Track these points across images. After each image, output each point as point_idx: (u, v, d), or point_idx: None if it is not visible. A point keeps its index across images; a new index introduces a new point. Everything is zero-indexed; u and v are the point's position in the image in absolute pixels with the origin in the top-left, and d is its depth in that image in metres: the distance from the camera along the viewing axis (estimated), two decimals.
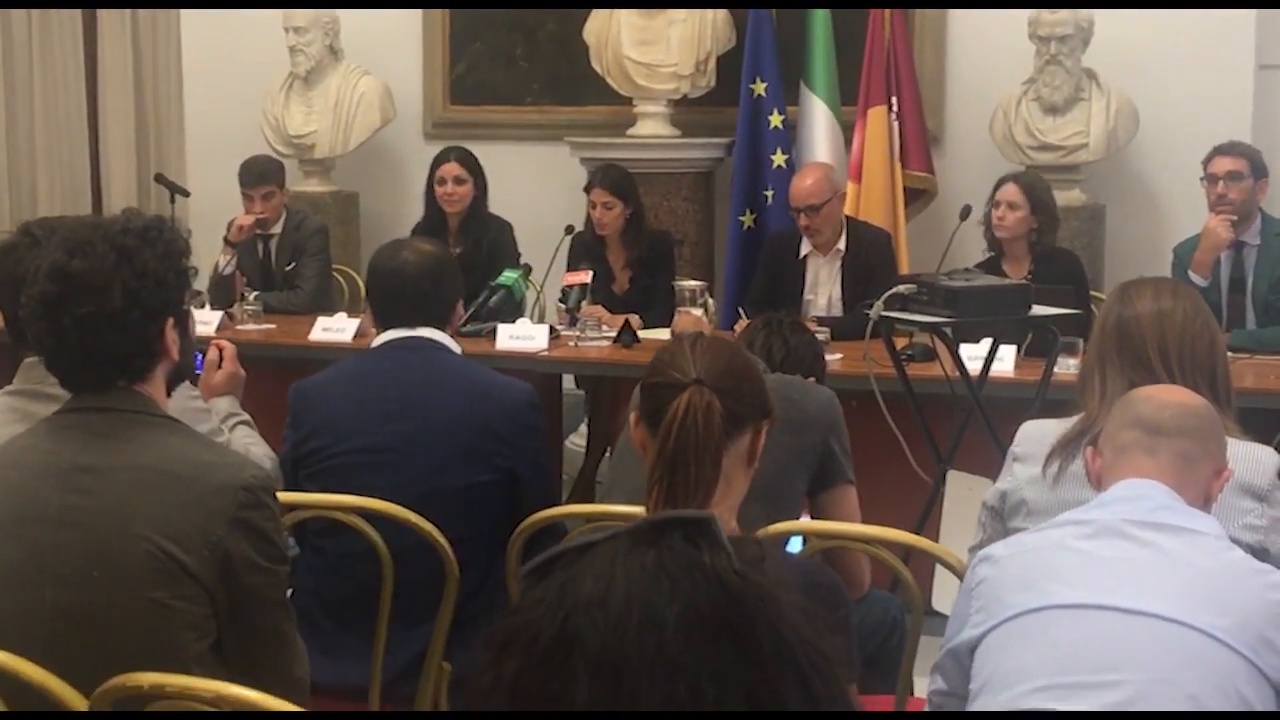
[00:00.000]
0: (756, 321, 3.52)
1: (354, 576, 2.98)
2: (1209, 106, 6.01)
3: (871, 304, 4.13)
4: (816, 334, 3.86)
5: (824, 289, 5.54)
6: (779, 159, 6.29)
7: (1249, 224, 5.12)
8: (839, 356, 4.65)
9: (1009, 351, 4.57)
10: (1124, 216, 6.24)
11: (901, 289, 4.10)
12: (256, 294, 5.66)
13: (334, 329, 5.30)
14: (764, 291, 5.47)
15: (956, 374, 4.26)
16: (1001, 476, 2.73)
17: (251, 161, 6.05)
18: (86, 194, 8.06)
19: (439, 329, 3.17)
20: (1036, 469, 2.63)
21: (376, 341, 3.20)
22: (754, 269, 5.83)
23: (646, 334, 5.17)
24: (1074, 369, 4.08)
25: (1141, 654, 1.99)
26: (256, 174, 5.98)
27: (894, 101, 6.17)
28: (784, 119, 6.30)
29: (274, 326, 5.55)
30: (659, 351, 2.21)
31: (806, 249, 5.52)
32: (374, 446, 3.06)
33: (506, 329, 5.15)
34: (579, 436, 6.19)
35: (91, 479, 2.21)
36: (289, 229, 6.05)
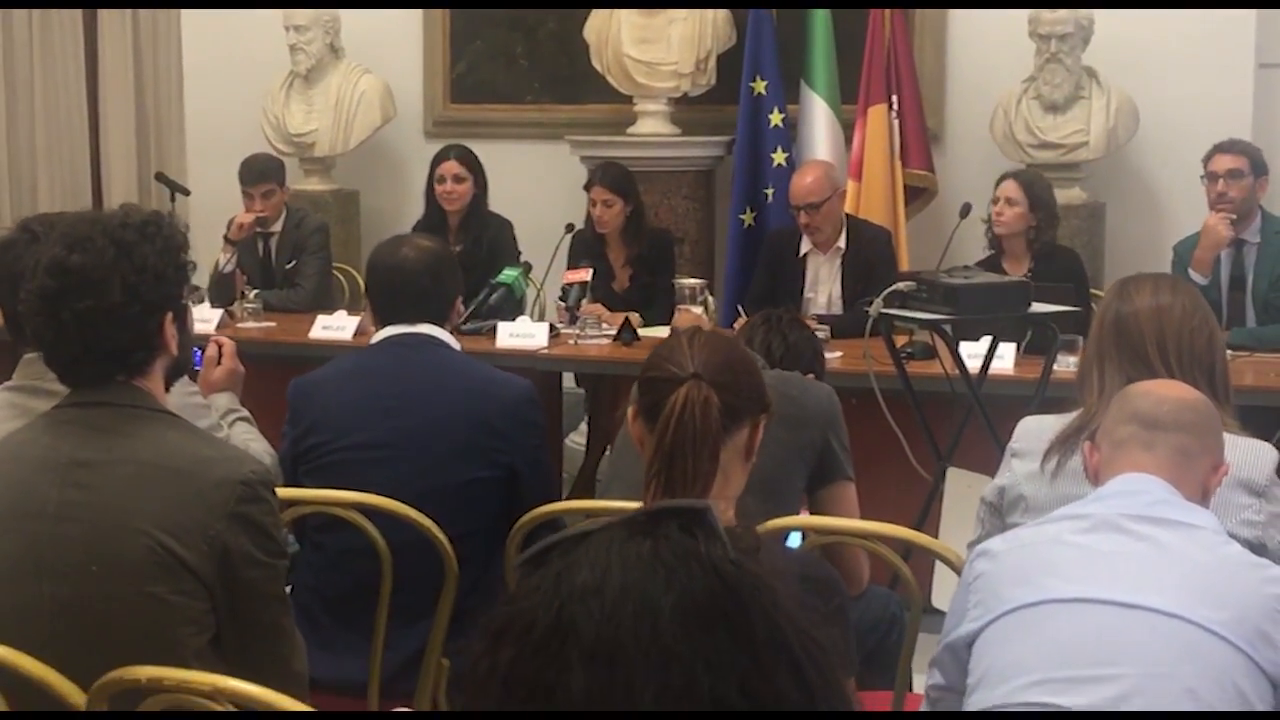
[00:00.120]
0: (756, 318, 3.52)
1: (353, 572, 2.98)
2: (1209, 105, 6.00)
3: (871, 301, 4.12)
4: (816, 332, 3.87)
5: (824, 287, 5.53)
6: (779, 157, 6.29)
7: (1249, 222, 5.12)
8: (839, 354, 4.65)
9: (1009, 349, 4.57)
10: (1124, 215, 6.24)
11: (901, 286, 4.10)
12: (257, 292, 5.65)
13: (334, 327, 5.30)
14: (764, 289, 5.47)
15: (956, 372, 4.26)
16: (1000, 472, 2.73)
17: (252, 160, 6.05)
18: (87, 193, 8.06)
19: (438, 325, 3.17)
20: (1035, 464, 2.63)
21: (376, 338, 3.20)
22: (754, 267, 5.83)
23: (646, 332, 5.16)
24: (1074, 367, 4.06)
25: (1139, 648, 1.98)
26: (257, 172, 5.98)
27: (894, 100, 6.16)
28: (784, 117, 6.30)
29: (274, 324, 5.54)
30: (657, 346, 2.22)
31: (806, 247, 5.52)
32: (373, 442, 3.06)
33: (507, 327, 5.15)
34: (579, 435, 6.18)
35: (90, 474, 2.21)
36: (289, 227, 6.05)
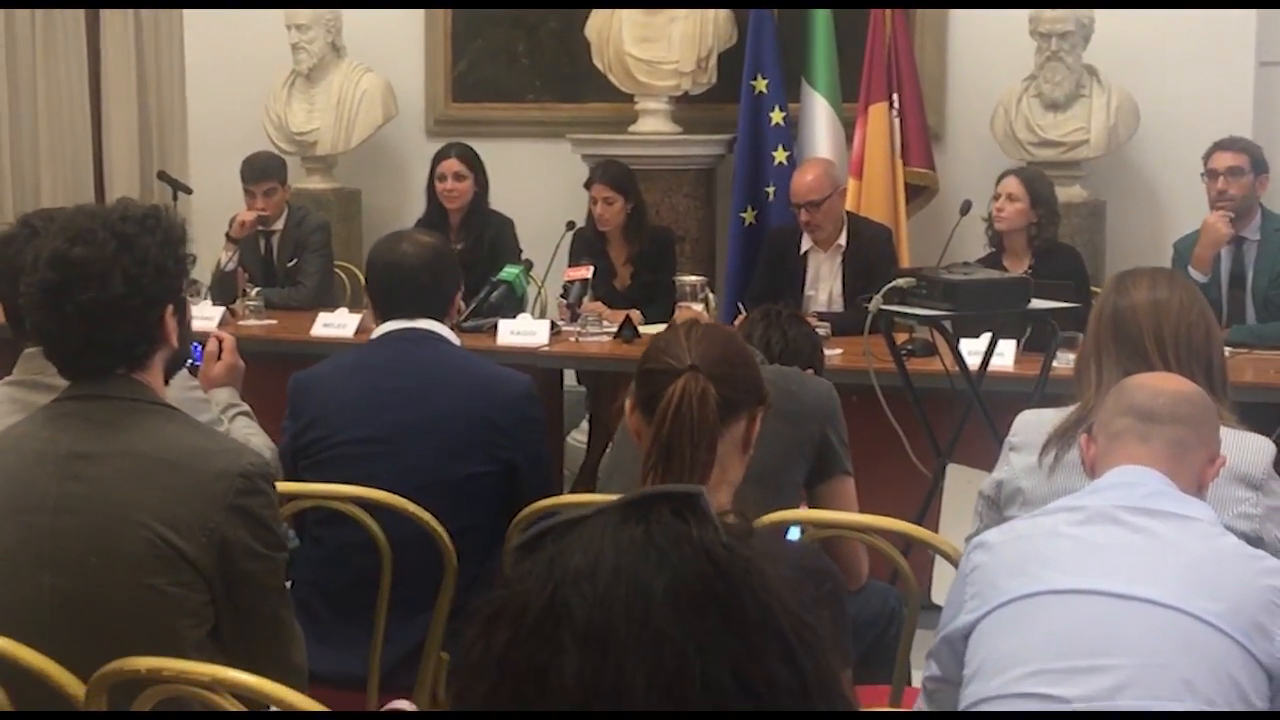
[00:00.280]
0: (755, 313, 3.53)
1: (353, 567, 2.99)
2: (1210, 103, 6.00)
3: (871, 298, 4.13)
4: (817, 329, 3.87)
5: (825, 284, 5.54)
6: (780, 156, 6.29)
7: (1249, 219, 5.12)
8: (839, 352, 4.66)
9: (1008, 346, 4.57)
10: (1125, 212, 6.24)
11: (900, 283, 4.09)
12: (258, 290, 5.66)
13: (335, 324, 5.31)
14: (765, 287, 5.46)
15: (956, 369, 4.26)
16: (998, 466, 2.73)
17: (253, 158, 6.06)
18: (90, 192, 8.06)
19: (438, 320, 3.17)
20: (1033, 458, 2.63)
21: (376, 333, 3.21)
22: (755, 265, 5.83)
23: (647, 329, 5.16)
24: (1073, 363, 4.07)
25: (1134, 639, 1.99)
26: (258, 170, 5.99)
27: (895, 98, 6.16)
28: (785, 116, 6.30)
29: (275, 322, 5.54)
30: (654, 338, 2.23)
31: (807, 245, 5.52)
32: (373, 437, 3.07)
33: (508, 324, 5.16)
34: (580, 433, 6.19)
35: (89, 466, 2.22)
36: (291, 225, 6.06)
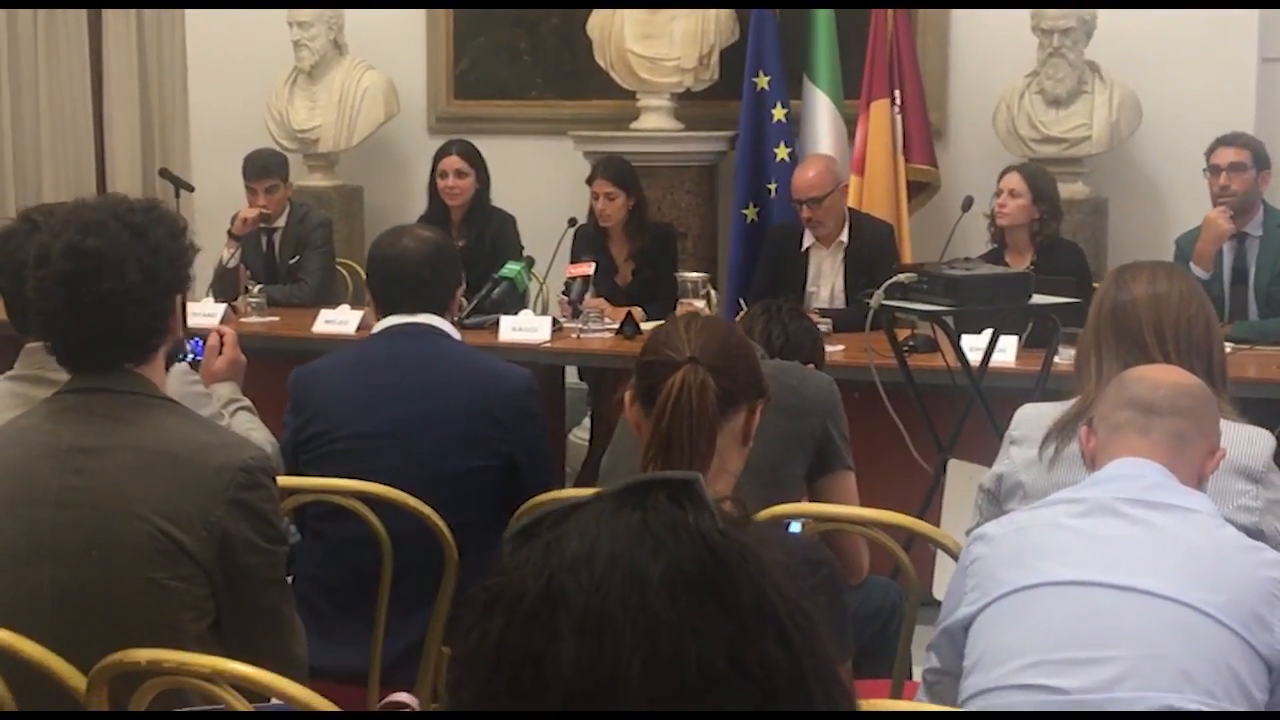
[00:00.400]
0: (756, 308, 3.53)
1: (354, 561, 2.99)
2: (1212, 99, 6.00)
3: (872, 293, 4.13)
4: (819, 325, 3.87)
5: (826, 281, 5.54)
6: (782, 152, 6.29)
7: (1251, 215, 5.12)
8: (841, 348, 4.66)
9: (1010, 342, 4.57)
10: (1127, 209, 6.24)
11: (902, 278, 4.10)
12: (260, 287, 5.67)
13: (337, 321, 5.31)
14: (766, 284, 5.46)
15: (958, 365, 4.26)
16: (998, 460, 2.73)
17: (255, 155, 6.06)
18: (91, 189, 8.03)
19: (439, 315, 3.18)
20: (1033, 452, 2.63)
21: (376, 328, 3.21)
22: (757, 262, 5.83)
23: (649, 326, 5.16)
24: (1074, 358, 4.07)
25: (1133, 630, 1.99)
26: (260, 167, 5.99)
27: (897, 95, 6.15)
28: (787, 112, 6.29)
29: (277, 319, 5.55)
30: (654, 331, 2.23)
31: (809, 241, 5.52)
32: (374, 432, 3.07)
33: (509, 321, 5.16)
34: (582, 430, 6.19)
35: (90, 460, 2.22)
36: (292, 222, 6.07)
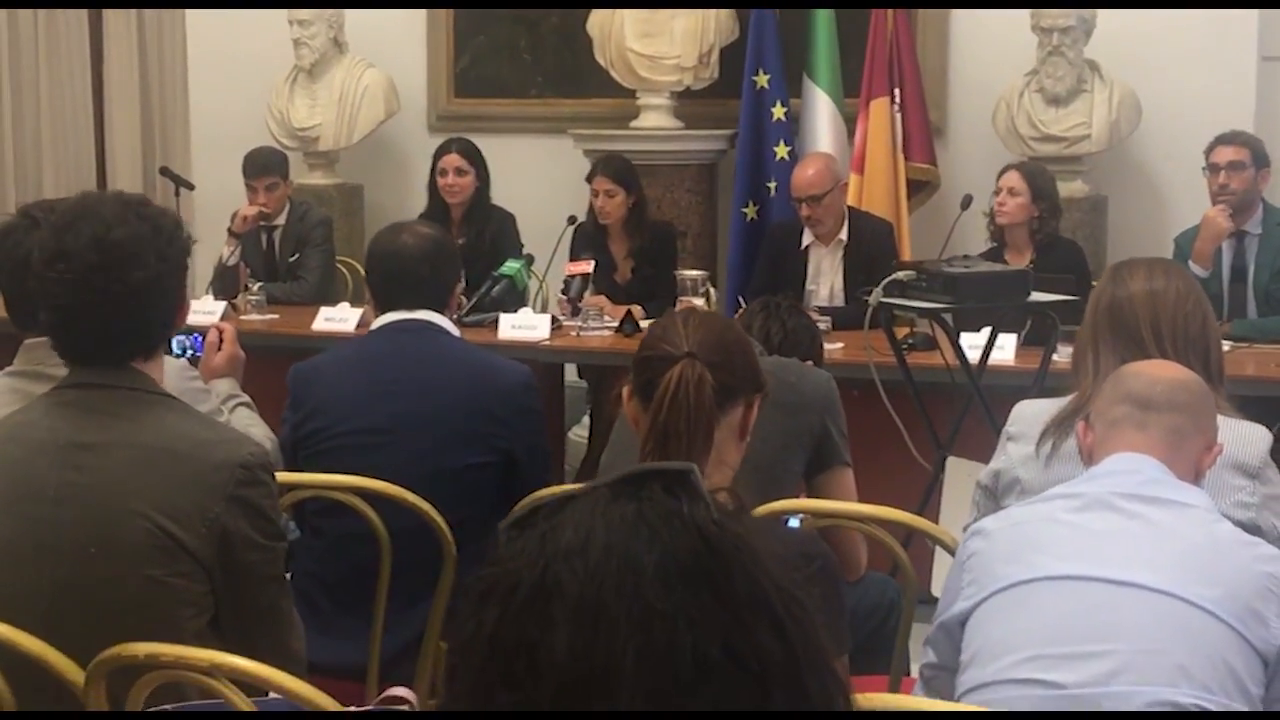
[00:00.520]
0: (754, 305, 3.53)
1: (352, 557, 2.99)
2: (1211, 98, 5.99)
3: (871, 291, 4.13)
4: (818, 323, 3.87)
5: (826, 279, 5.54)
6: (781, 151, 6.29)
7: (1251, 213, 5.12)
8: (840, 346, 4.66)
9: (1009, 340, 4.57)
10: (1126, 207, 6.24)
11: (900, 276, 4.10)
12: (260, 285, 5.67)
13: (336, 319, 5.32)
14: (766, 282, 5.46)
15: (956, 362, 4.26)
16: (995, 456, 2.73)
17: (255, 153, 6.07)
18: (92, 188, 8.06)
19: (437, 311, 3.18)
20: (1030, 448, 2.63)
21: (375, 324, 3.22)
22: (756, 260, 5.83)
23: (648, 324, 5.17)
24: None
25: (1130, 625, 1.99)
26: (260, 165, 5.99)
27: (897, 93, 6.15)
28: (787, 111, 6.29)
29: (277, 317, 5.55)
30: (652, 325, 2.24)
31: (809, 240, 5.52)
32: (373, 428, 3.08)
33: (509, 319, 5.17)
34: (582, 428, 6.19)
35: (89, 456, 2.23)
36: (292, 220, 6.07)
